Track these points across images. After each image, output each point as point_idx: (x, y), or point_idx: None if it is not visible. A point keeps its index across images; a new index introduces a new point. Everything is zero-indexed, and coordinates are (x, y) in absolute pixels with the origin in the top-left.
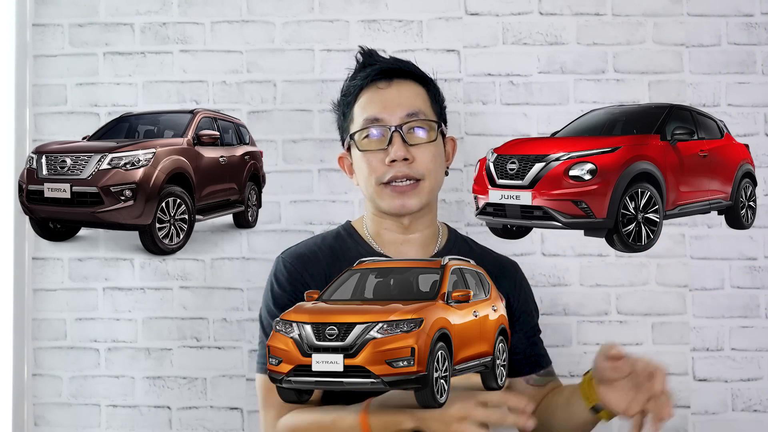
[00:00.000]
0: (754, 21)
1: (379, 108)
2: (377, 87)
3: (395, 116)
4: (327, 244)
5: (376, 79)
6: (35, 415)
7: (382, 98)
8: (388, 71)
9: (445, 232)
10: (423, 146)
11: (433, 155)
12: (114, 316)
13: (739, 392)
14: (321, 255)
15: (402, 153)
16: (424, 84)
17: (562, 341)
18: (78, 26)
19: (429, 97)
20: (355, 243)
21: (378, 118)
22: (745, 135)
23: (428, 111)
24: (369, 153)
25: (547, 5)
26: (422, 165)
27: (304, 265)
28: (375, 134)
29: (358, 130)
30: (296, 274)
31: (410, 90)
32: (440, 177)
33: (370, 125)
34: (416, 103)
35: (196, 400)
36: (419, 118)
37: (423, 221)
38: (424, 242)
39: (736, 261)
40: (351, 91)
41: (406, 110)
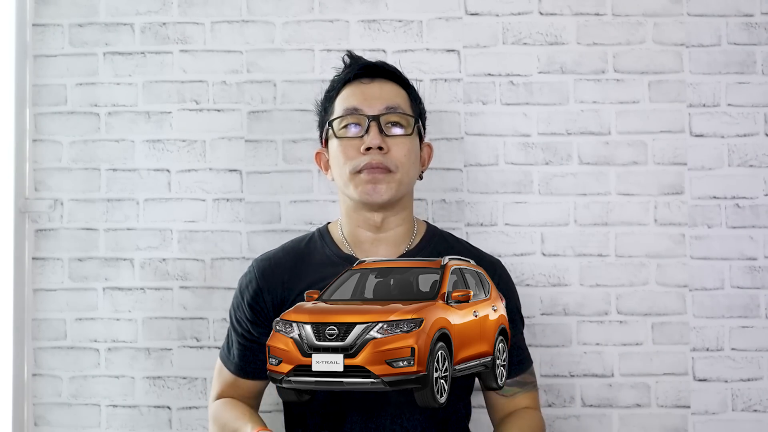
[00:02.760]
0: (754, 21)
1: (360, 99)
2: (360, 82)
3: (374, 107)
4: (296, 249)
5: (359, 74)
6: (35, 415)
7: (364, 91)
8: (372, 69)
9: (422, 230)
10: (399, 139)
11: (408, 149)
12: (114, 316)
13: (739, 392)
14: (285, 261)
15: (377, 141)
16: (406, 87)
17: (562, 341)
18: (78, 26)
19: (409, 99)
20: (324, 245)
21: (357, 108)
22: (745, 135)
23: (407, 107)
24: (345, 140)
25: (547, 5)
26: (396, 156)
27: (263, 273)
28: (353, 124)
29: (337, 118)
30: (255, 282)
31: (391, 88)
32: (413, 173)
33: (348, 113)
34: (396, 99)
35: (196, 400)
36: (397, 112)
37: (395, 219)
38: (395, 241)
39: (736, 261)
40: (334, 86)
41: (386, 103)
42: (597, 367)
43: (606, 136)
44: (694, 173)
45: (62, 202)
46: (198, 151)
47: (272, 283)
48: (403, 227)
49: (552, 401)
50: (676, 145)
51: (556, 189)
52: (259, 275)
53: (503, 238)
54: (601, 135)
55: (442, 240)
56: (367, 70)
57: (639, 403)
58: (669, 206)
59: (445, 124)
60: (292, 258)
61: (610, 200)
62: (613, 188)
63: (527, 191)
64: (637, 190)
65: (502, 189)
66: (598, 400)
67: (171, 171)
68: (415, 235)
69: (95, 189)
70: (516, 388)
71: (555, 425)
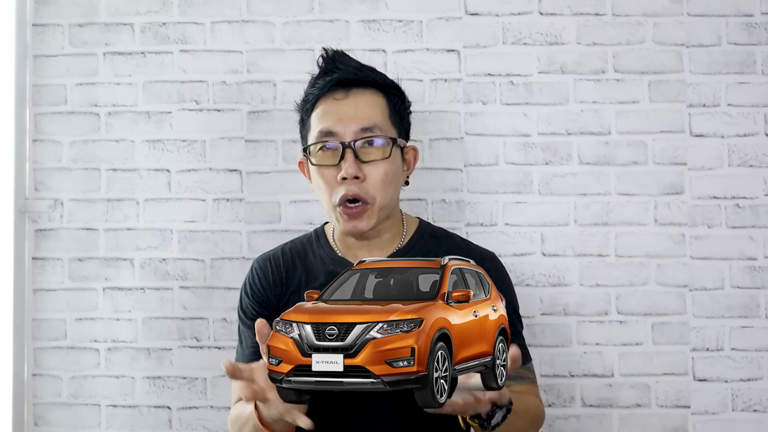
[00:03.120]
0: (754, 21)
1: (334, 120)
2: (334, 98)
3: (349, 129)
4: (294, 249)
5: (333, 89)
6: (35, 415)
7: (338, 110)
8: (345, 81)
9: (412, 229)
10: (376, 164)
11: (385, 173)
12: (114, 316)
13: (739, 392)
14: (282, 261)
15: (353, 171)
16: (385, 93)
17: (562, 341)
18: (78, 26)
19: (388, 108)
20: (319, 247)
21: (332, 131)
22: (745, 135)
23: (385, 124)
24: (323, 168)
25: (547, 5)
26: (372, 185)
27: (263, 271)
28: (328, 148)
29: (312, 144)
30: (256, 279)
31: (368, 102)
32: (393, 192)
33: (323, 139)
34: (373, 116)
35: (196, 400)
36: (374, 134)
37: (381, 228)
38: (384, 245)
39: (736, 261)
40: (309, 99)
41: (361, 124)
42: (597, 367)
43: (606, 136)
44: (694, 173)
45: (62, 202)
46: (198, 151)
47: (275, 281)
48: (391, 232)
49: (552, 401)
50: (676, 145)
51: (556, 189)
52: (261, 274)
53: (503, 238)
54: (601, 135)
55: (432, 237)
56: (340, 84)
57: (639, 403)
58: (669, 206)
59: (445, 124)
60: (289, 257)
61: (610, 200)
62: (613, 188)
63: (527, 191)
64: (637, 190)
65: (502, 189)
66: (598, 400)
67: (171, 171)
68: (405, 235)
69: (95, 189)
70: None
71: (555, 425)
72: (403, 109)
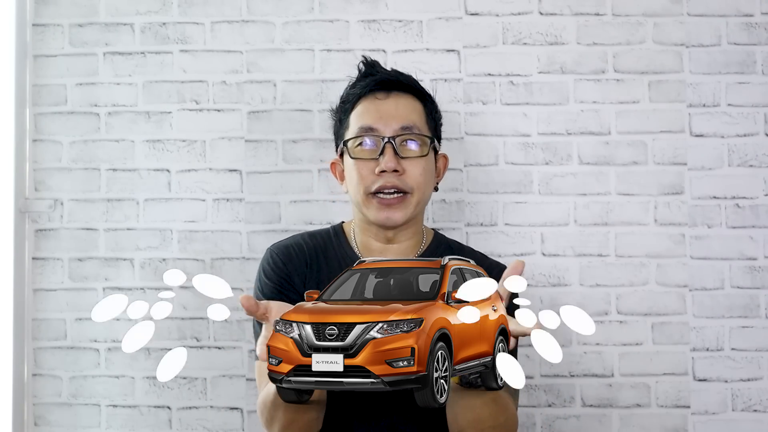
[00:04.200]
0: (754, 21)
1: (375, 118)
2: (375, 97)
3: (389, 127)
4: (314, 242)
5: (375, 89)
6: (35, 415)
7: (379, 108)
8: (387, 83)
9: (429, 240)
10: (414, 160)
11: (423, 169)
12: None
13: (739, 392)
14: (306, 249)
15: (393, 164)
16: (422, 99)
17: (562, 341)
18: (78, 26)
19: (425, 113)
20: (340, 245)
21: (373, 127)
22: (745, 135)
23: (423, 126)
24: (360, 161)
25: (547, 5)
26: (412, 178)
27: (288, 257)
28: (368, 143)
29: (352, 138)
30: (281, 264)
31: (407, 103)
32: (428, 192)
33: (364, 134)
34: (412, 116)
35: (196, 400)
36: (413, 132)
37: (407, 233)
38: (404, 251)
39: (736, 261)
40: (349, 99)
41: (401, 123)
42: (597, 367)
43: (606, 136)
44: (694, 173)
45: (62, 202)
46: (198, 151)
47: (298, 266)
48: (414, 239)
49: (552, 401)
50: (676, 145)
51: (556, 189)
52: (285, 258)
53: (503, 238)
54: (601, 135)
55: (447, 248)
56: (382, 85)
57: (639, 403)
58: (669, 206)
59: (445, 124)
60: (312, 249)
61: (610, 200)
62: (613, 188)
63: (527, 191)
64: (637, 190)
65: (502, 189)
66: (598, 400)
67: (171, 171)
68: (424, 244)
69: (95, 189)
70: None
71: (555, 425)
72: (437, 117)
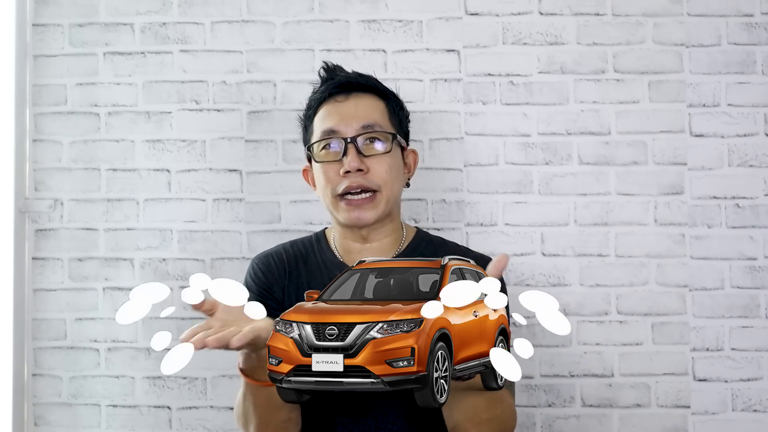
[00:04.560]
0: (754, 21)
1: (336, 120)
2: (335, 100)
3: (351, 128)
4: (294, 250)
5: (334, 92)
6: (35, 415)
7: (339, 110)
8: (346, 84)
9: (410, 236)
10: (378, 157)
11: (389, 166)
12: (114, 316)
13: (739, 392)
14: (286, 258)
15: (356, 164)
16: (384, 97)
17: (562, 341)
18: (78, 26)
19: (387, 110)
20: (321, 250)
21: (334, 129)
22: (745, 135)
23: (385, 123)
24: (326, 164)
25: (547, 5)
26: (377, 176)
27: (268, 266)
28: (332, 146)
29: (316, 142)
30: (260, 275)
31: (368, 103)
32: (397, 188)
33: (326, 137)
34: (373, 115)
35: (196, 400)
36: (375, 130)
37: (382, 231)
38: (383, 249)
39: (736, 261)
40: (312, 105)
41: (362, 122)
42: (597, 367)
43: (606, 136)
44: (694, 173)
45: (62, 202)
46: (198, 151)
47: (277, 276)
48: (392, 236)
49: (552, 401)
50: (676, 145)
51: (556, 189)
52: (264, 269)
53: (503, 238)
54: (601, 135)
55: (429, 244)
56: (341, 87)
57: (639, 403)
58: (669, 206)
59: (445, 124)
60: (292, 258)
61: (610, 200)
62: (613, 188)
63: (527, 191)
64: (637, 190)
65: (502, 189)
66: (598, 400)
67: (171, 171)
68: (404, 241)
69: (95, 189)
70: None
71: (555, 425)
72: (401, 115)
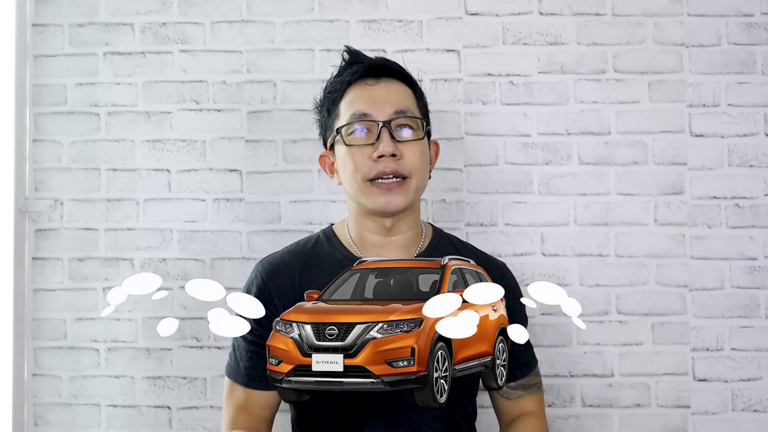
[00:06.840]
0: (754, 21)
1: (367, 103)
2: (365, 83)
3: (383, 112)
4: (303, 252)
5: (364, 75)
6: (35, 415)
7: (371, 94)
8: (376, 68)
9: (429, 233)
10: (410, 144)
11: (420, 153)
12: (114, 316)
13: (739, 392)
14: (293, 264)
15: (390, 149)
16: (410, 84)
17: (562, 341)
18: (78, 26)
19: (415, 97)
20: (332, 248)
21: (366, 113)
22: (745, 135)
23: (415, 110)
24: (355, 148)
25: (547, 5)
26: (410, 162)
27: (271, 276)
28: (363, 129)
29: (345, 125)
30: (263, 284)
31: (398, 88)
32: (426, 177)
33: (357, 120)
34: (404, 101)
35: (196, 400)
36: (407, 116)
37: (405, 223)
38: (405, 244)
39: (736, 261)
40: (337, 87)
41: (395, 107)
42: (597, 367)
43: (606, 136)
44: (694, 173)
45: (62, 202)
46: (198, 151)
47: (282, 287)
48: (413, 231)
49: (552, 401)
50: (676, 145)
51: (556, 189)
52: (267, 279)
53: (503, 238)
54: (601, 135)
55: (448, 242)
56: (372, 70)
57: (639, 403)
58: (669, 206)
59: (445, 124)
60: (300, 260)
61: (610, 200)
62: (613, 188)
63: (527, 191)
64: (637, 190)
65: (502, 189)
66: (598, 400)
67: (171, 171)
68: (424, 237)
69: (95, 189)
70: (520, 391)
71: (555, 425)
72: (425, 103)
